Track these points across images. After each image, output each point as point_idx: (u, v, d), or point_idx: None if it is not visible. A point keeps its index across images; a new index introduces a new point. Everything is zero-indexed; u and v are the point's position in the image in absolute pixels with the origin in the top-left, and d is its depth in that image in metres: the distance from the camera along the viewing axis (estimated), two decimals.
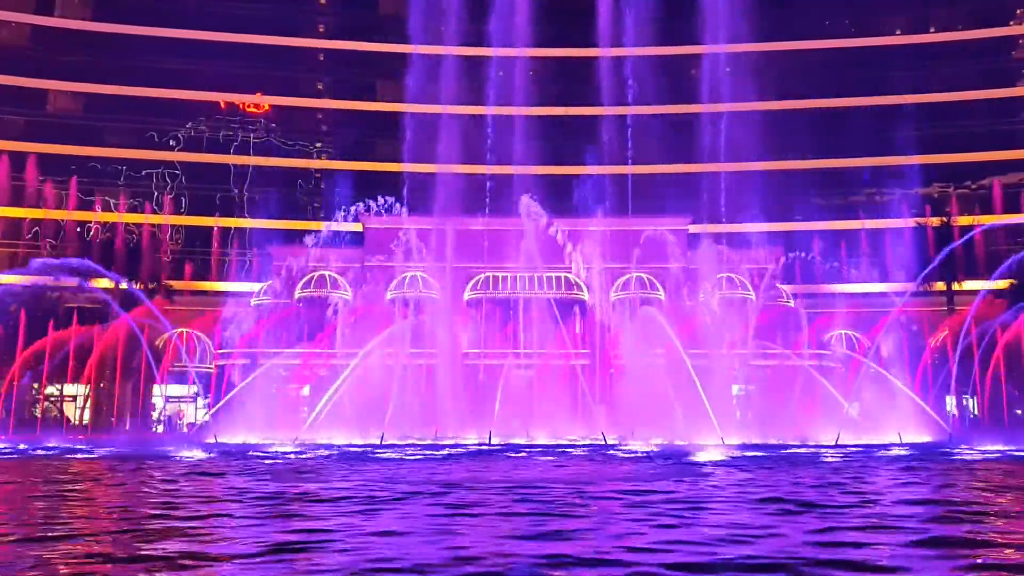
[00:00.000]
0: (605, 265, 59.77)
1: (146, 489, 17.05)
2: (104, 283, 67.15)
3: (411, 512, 12.38)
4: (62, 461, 28.09)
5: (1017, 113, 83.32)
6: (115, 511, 13.13)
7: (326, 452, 32.89)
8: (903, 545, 9.24)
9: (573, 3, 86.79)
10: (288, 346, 56.75)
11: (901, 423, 46.00)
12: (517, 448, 35.58)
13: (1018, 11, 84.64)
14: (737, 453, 31.02)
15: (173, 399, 64.91)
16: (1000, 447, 36.05)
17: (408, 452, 32.37)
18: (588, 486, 16.69)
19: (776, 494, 14.58)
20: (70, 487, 17.41)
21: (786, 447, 36.52)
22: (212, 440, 42.23)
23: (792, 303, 63.99)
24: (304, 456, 30.14)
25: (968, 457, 29.06)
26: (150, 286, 66.83)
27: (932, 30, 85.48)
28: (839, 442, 39.22)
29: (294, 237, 77.48)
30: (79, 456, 31.91)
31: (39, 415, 62.60)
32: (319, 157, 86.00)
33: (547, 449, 34.61)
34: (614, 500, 13.74)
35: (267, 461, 26.91)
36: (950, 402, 56.03)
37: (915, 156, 79.97)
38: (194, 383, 61.62)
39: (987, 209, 78.28)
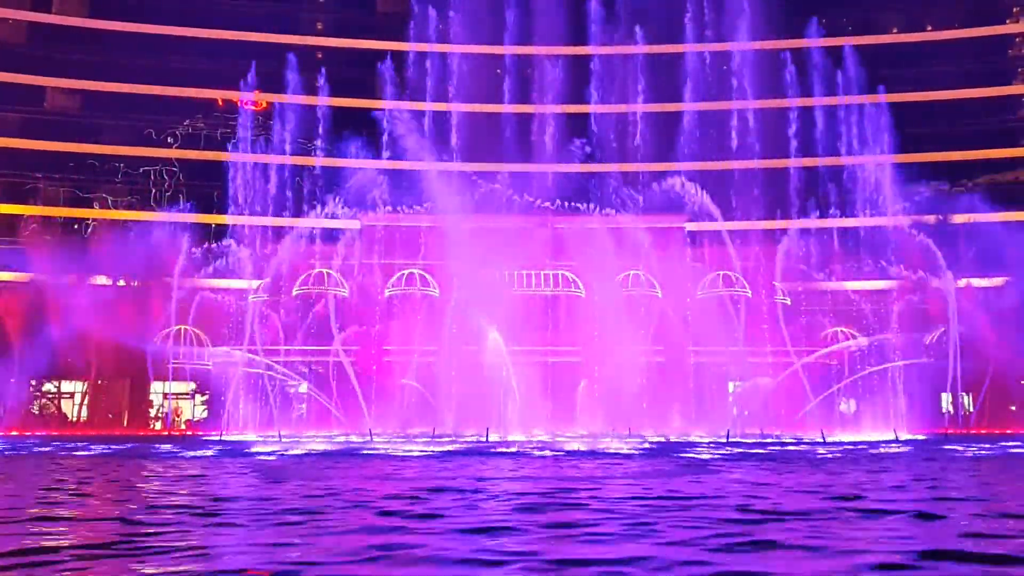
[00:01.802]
0: (603, 262, 59.84)
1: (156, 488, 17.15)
2: (102, 280, 67.20)
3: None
4: (58, 458, 28.17)
5: (1014, 111, 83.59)
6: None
7: (326, 448, 33.01)
8: None
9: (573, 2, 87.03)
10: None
11: (898, 420, 46.30)
12: (514, 444, 35.69)
13: (1015, 9, 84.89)
14: (735, 450, 31.18)
15: (171, 396, 64.96)
16: (995, 443, 36.26)
17: (404, 448, 32.48)
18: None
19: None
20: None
21: (782, 443, 36.72)
22: (215, 437, 42.34)
23: (788, 300, 64.22)
24: (295, 453, 30.26)
25: (962, 453, 29.23)
26: (147, 283, 66.76)
27: (928, 28, 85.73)
28: (834, 439, 39.45)
29: (291, 234, 77.41)
30: (78, 453, 31.96)
31: (37, 412, 62.68)
32: (317, 154, 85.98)
33: (546, 445, 34.74)
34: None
35: (266, 459, 27.03)
36: (946, 399, 56.28)
37: (912, 154, 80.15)
38: (192, 380, 61.69)
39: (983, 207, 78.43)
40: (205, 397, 60.22)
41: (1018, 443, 37.18)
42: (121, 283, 66.99)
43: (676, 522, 10.01)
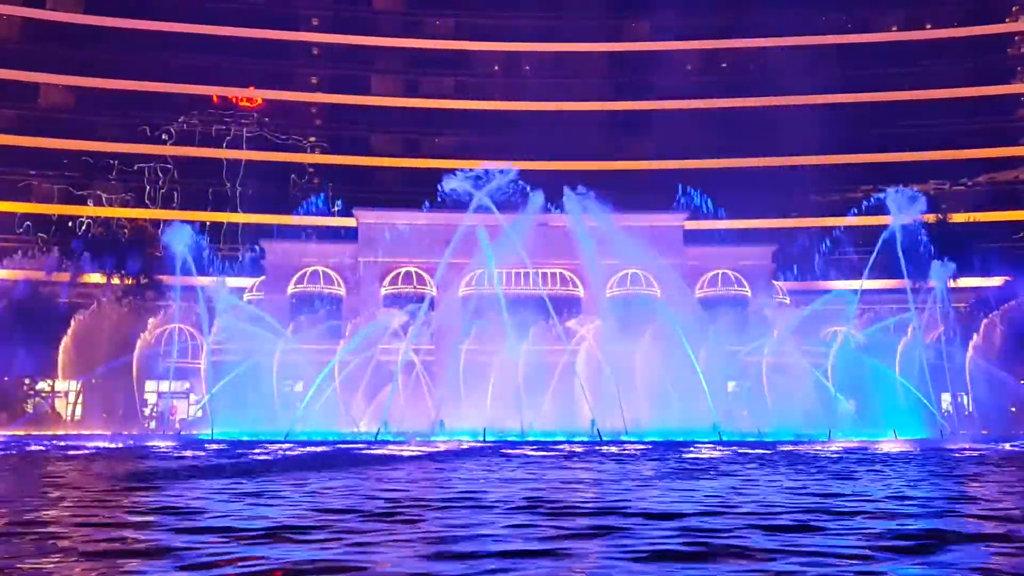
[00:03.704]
0: (602, 261, 59.52)
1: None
2: (96, 278, 66.73)
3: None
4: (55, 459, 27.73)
5: (1012, 110, 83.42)
6: None
7: (322, 448, 32.62)
8: None
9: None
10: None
11: (896, 419, 46.03)
12: (513, 444, 35.36)
13: (1013, 8, 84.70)
14: (737, 449, 30.86)
15: (165, 395, 64.50)
16: (991, 444, 36.04)
17: (406, 448, 32.09)
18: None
19: None
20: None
21: (782, 443, 36.42)
22: (209, 435, 41.95)
23: (787, 300, 64.02)
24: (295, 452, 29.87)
25: (960, 453, 28.94)
26: (142, 281, 66.34)
27: (928, 27, 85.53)
28: (833, 438, 39.19)
29: (287, 232, 77.06)
30: (73, 453, 31.50)
31: (31, 410, 62.16)
32: (312, 151, 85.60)
33: (545, 445, 34.38)
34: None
35: (264, 457, 26.64)
36: (945, 399, 56.06)
37: (911, 153, 79.99)
38: (186, 379, 61.21)
39: (982, 206, 78.32)
40: (199, 397, 59.69)
41: (1013, 443, 36.95)
42: (115, 281, 66.54)
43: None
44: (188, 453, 29.06)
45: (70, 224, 79.25)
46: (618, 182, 72.96)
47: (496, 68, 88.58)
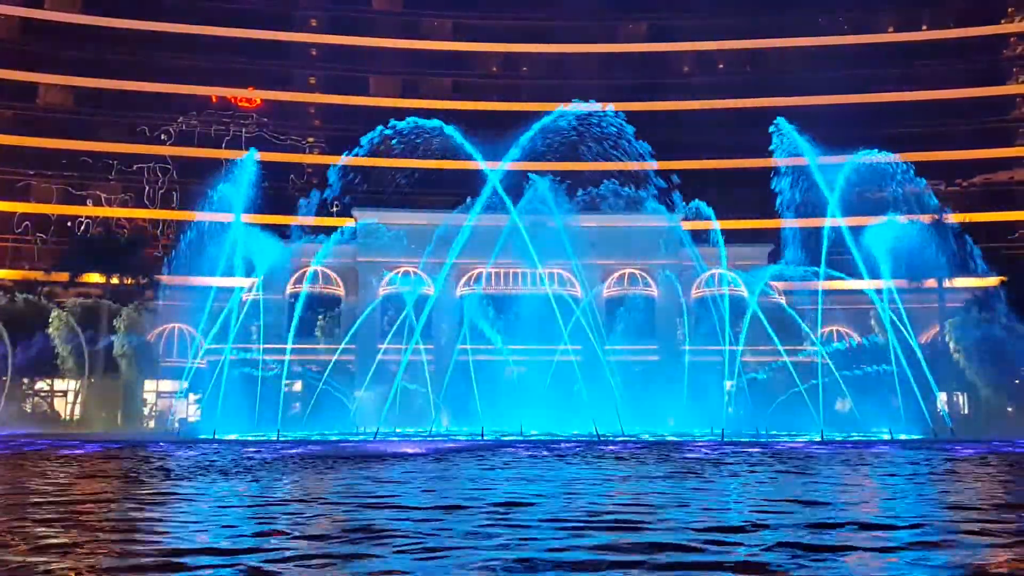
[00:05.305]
0: (599, 261, 59.81)
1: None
2: (95, 278, 66.91)
3: None
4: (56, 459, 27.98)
5: (1007, 111, 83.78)
6: None
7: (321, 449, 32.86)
8: None
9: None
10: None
11: (891, 420, 46.39)
12: (513, 443, 35.63)
13: (1009, 10, 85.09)
14: (735, 449, 31.16)
15: (164, 395, 64.71)
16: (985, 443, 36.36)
17: (404, 447, 32.33)
18: None
19: None
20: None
21: (779, 443, 36.72)
22: (212, 436, 42.20)
23: (784, 300, 64.35)
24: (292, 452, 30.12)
25: (953, 453, 29.23)
26: (141, 281, 66.52)
27: (924, 28, 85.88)
28: (827, 438, 39.49)
29: (286, 232, 77.09)
30: (74, 453, 31.74)
31: (30, 410, 62.34)
32: (311, 152, 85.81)
33: (544, 444, 34.64)
34: None
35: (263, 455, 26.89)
36: (940, 399, 56.38)
37: (906, 154, 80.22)
38: (185, 379, 61.43)
39: (978, 206, 78.64)
40: (199, 396, 59.91)
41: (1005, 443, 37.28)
42: (115, 280, 66.73)
43: None
44: (179, 453, 29.32)
45: (69, 224, 79.37)
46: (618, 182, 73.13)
47: (494, 69, 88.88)
